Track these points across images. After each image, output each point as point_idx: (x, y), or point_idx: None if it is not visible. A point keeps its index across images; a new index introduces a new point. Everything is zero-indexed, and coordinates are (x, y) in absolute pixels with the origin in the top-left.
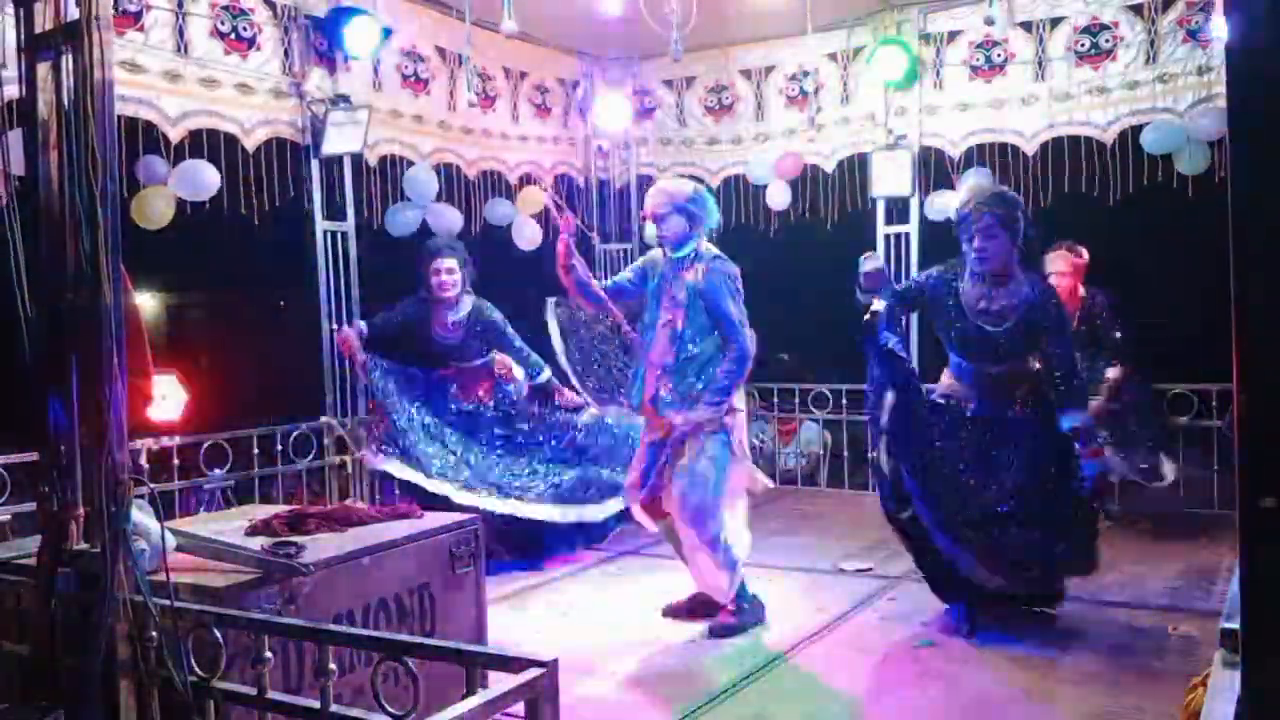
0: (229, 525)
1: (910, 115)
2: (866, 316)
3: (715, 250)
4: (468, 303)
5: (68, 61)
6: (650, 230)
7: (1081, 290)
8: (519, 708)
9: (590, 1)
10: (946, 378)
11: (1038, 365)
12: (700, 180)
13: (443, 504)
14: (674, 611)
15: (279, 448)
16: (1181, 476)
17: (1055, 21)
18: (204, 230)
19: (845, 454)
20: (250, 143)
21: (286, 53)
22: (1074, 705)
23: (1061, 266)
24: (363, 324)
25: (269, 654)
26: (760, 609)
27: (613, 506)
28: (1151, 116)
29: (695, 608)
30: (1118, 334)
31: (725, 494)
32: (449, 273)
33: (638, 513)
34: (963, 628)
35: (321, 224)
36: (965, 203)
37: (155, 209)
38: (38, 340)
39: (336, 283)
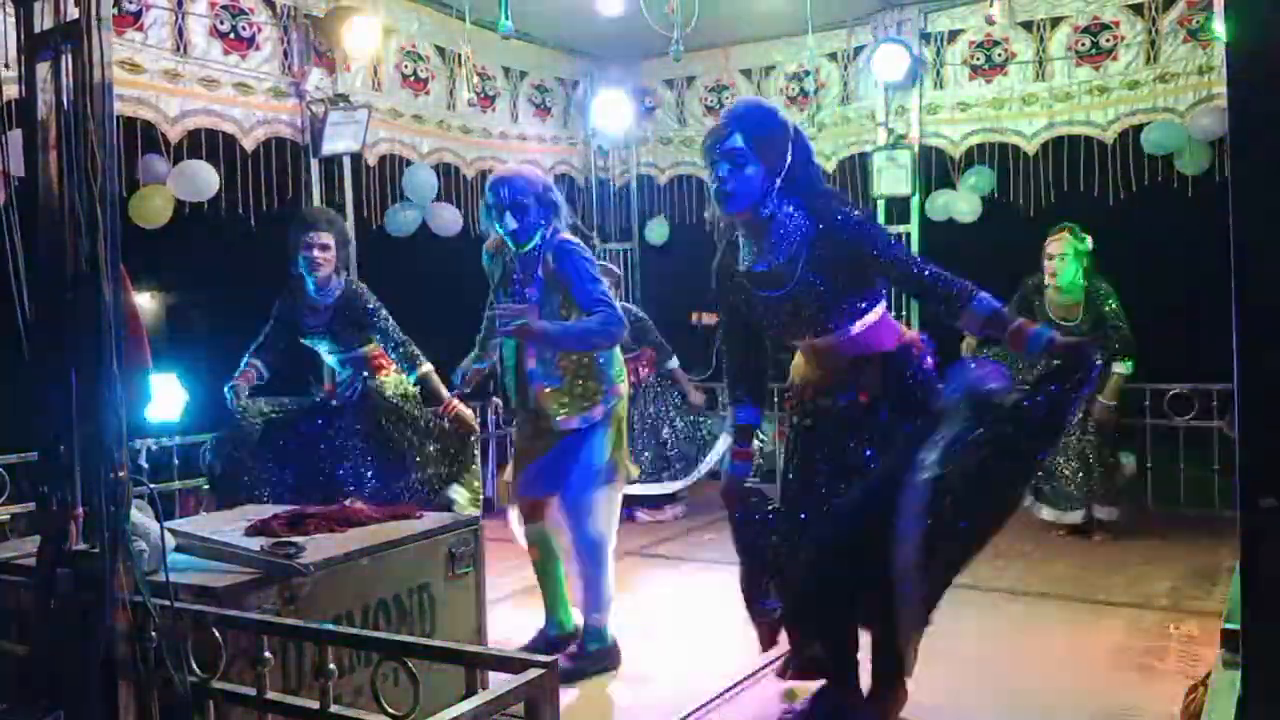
0: (229, 525)
1: (910, 115)
2: None
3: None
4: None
5: (67, 61)
6: (511, 224)
7: (1084, 281)
8: (519, 708)
9: (590, 1)
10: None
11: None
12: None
13: None
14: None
15: None
16: None
17: (1056, 21)
18: (203, 230)
19: None
20: (249, 142)
21: (286, 52)
22: (1074, 705)
23: (1065, 250)
24: None
25: (269, 654)
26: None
27: None
28: (1152, 116)
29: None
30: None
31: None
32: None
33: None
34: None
35: None
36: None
37: (154, 209)
38: (38, 340)
39: None
